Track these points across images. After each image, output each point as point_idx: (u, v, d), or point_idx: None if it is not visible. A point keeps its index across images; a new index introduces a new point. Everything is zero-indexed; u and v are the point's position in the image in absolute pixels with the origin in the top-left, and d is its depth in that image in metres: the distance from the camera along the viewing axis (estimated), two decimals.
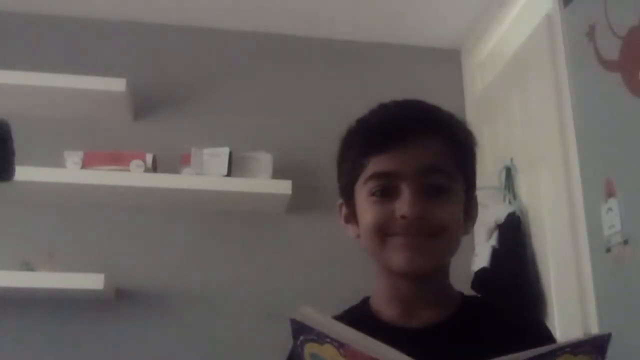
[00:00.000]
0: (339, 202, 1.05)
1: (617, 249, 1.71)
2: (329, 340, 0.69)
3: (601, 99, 1.83)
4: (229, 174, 2.37)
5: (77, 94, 2.38)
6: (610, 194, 1.74)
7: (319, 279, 2.41)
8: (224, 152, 2.38)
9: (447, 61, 2.83)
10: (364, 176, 0.97)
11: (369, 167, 0.96)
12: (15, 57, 2.47)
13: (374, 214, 0.95)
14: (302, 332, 0.71)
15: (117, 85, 2.37)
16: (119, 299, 2.34)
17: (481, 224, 2.26)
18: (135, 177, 2.33)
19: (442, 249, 0.96)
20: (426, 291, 0.98)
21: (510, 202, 2.24)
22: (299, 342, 0.71)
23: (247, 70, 2.71)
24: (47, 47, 2.57)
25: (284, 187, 2.38)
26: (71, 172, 2.31)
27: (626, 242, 1.68)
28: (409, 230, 0.93)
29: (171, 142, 2.50)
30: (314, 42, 2.77)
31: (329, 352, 0.70)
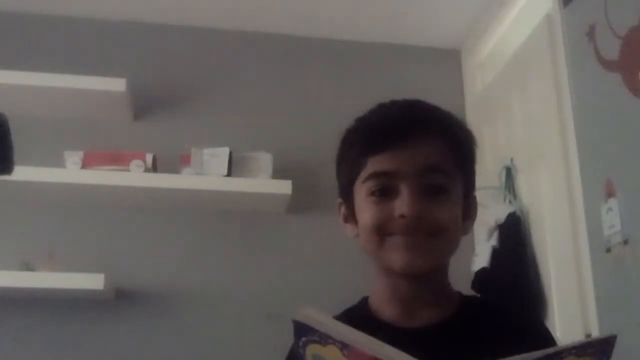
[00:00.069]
0: (338, 201, 1.05)
1: (617, 249, 1.71)
2: (331, 341, 0.69)
3: (601, 99, 1.83)
4: (229, 174, 2.37)
5: (77, 94, 2.39)
6: (610, 194, 1.74)
7: (319, 279, 2.41)
8: (224, 152, 2.38)
9: (447, 61, 2.83)
10: (363, 175, 0.97)
11: (368, 167, 0.96)
12: (15, 57, 2.47)
13: (373, 213, 0.95)
14: (305, 333, 0.70)
15: (117, 85, 2.37)
16: (119, 299, 2.34)
17: (481, 224, 2.26)
18: (135, 177, 2.33)
19: (441, 248, 0.96)
20: (425, 291, 0.97)
21: (510, 202, 2.24)
22: (301, 343, 0.71)
23: (247, 70, 2.71)
24: (47, 47, 2.57)
25: (284, 187, 2.38)
26: (71, 172, 2.31)
27: (626, 242, 1.68)
28: (407, 230, 0.92)
29: (171, 142, 2.50)
30: (314, 42, 2.77)
31: (332, 353, 0.69)
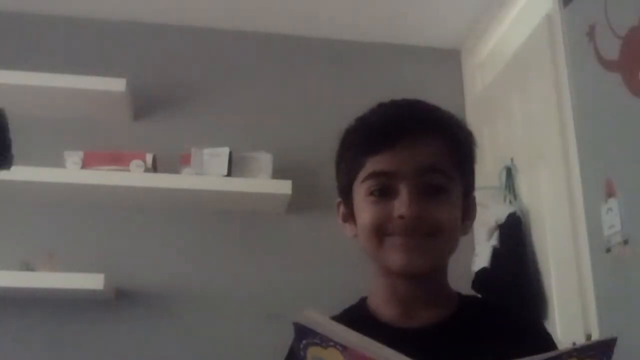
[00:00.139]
0: (337, 201, 1.05)
1: (617, 249, 1.70)
2: (332, 343, 0.69)
3: (601, 99, 1.83)
4: (229, 174, 2.37)
5: (77, 94, 2.38)
6: (610, 194, 1.74)
7: (319, 279, 2.41)
8: (224, 152, 2.38)
9: (447, 61, 2.83)
10: (362, 175, 0.96)
11: (367, 167, 0.96)
12: (15, 57, 2.47)
13: (372, 213, 0.95)
14: (305, 335, 0.70)
15: (117, 85, 2.37)
16: (119, 299, 2.34)
17: (482, 224, 2.25)
18: (135, 177, 2.33)
19: (440, 249, 0.96)
20: (424, 291, 0.97)
21: (510, 202, 2.24)
22: (301, 345, 0.70)
23: (247, 70, 2.71)
24: (47, 47, 2.57)
25: (284, 187, 2.38)
26: (71, 172, 2.31)
27: (626, 242, 1.67)
28: (406, 230, 0.92)
29: (171, 142, 2.50)
30: (314, 42, 2.77)
31: (333, 356, 0.69)
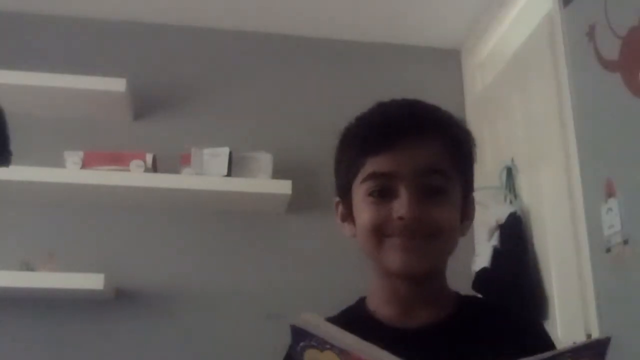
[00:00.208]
0: (336, 200, 1.04)
1: (617, 249, 1.70)
2: (329, 346, 0.69)
3: (601, 99, 1.83)
4: (229, 174, 2.37)
5: (77, 94, 2.38)
6: (610, 194, 1.74)
7: (319, 279, 2.41)
8: (224, 152, 2.38)
9: (447, 61, 2.83)
10: (361, 176, 0.96)
11: (367, 167, 0.95)
12: (15, 57, 2.47)
13: (371, 214, 0.94)
14: (303, 338, 0.70)
15: (117, 85, 2.37)
16: (119, 299, 2.33)
17: (482, 224, 2.25)
18: (135, 177, 2.33)
19: (439, 250, 0.96)
20: (423, 292, 0.97)
21: (511, 202, 2.24)
22: (298, 348, 0.70)
23: (247, 70, 2.71)
24: (47, 47, 2.57)
25: (284, 187, 2.38)
26: (71, 172, 2.31)
27: (626, 242, 1.67)
28: (406, 231, 0.92)
29: (171, 142, 2.50)
30: (314, 42, 2.77)
31: (329, 359, 0.69)
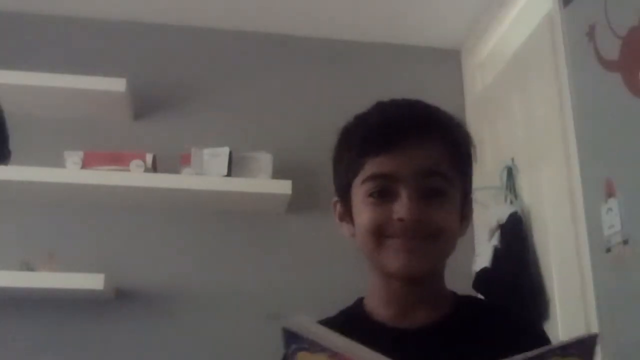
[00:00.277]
0: (334, 200, 1.04)
1: (617, 249, 1.70)
2: (320, 349, 0.68)
3: (601, 99, 1.83)
4: (229, 174, 2.37)
5: (77, 94, 2.38)
6: (610, 194, 1.74)
7: (319, 279, 2.41)
8: (224, 152, 2.38)
9: (447, 61, 2.83)
10: (361, 176, 0.96)
11: (367, 168, 0.95)
12: (15, 57, 2.47)
13: (371, 215, 0.94)
14: (294, 341, 0.70)
15: (117, 85, 2.37)
16: (119, 299, 2.33)
17: (483, 224, 2.25)
18: (135, 177, 2.33)
19: (439, 251, 0.96)
20: (421, 292, 0.97)
21: (511, 202, 2.23)
22: (290, 351, 0.70)
23: (247, 70, 2.71)
24: (47, 47, 2.57)
25: (284, 187, 2.38)
26: (71, 172, 2.30)
27: (626, 242, 1.67)
28: (406, 233, 0.92)
29: (171, 142, 2.50)
30: (314, 42, 2.77)
31: None
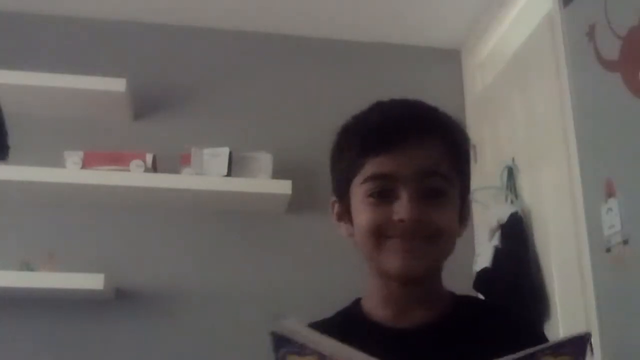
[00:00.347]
0: (332, 199, 1.04)
1: (617, 249, 1.70)
2: (309, 352, 0.69)
3: (601, 99, 1.83)
4: (229, 174, 2.37)
5: (77, 94, 2.38)
6: (610, 194, 1.74)
7: (319, 279, 2.41)
8: (224, 152, 2.38)
9: (447, 61, 2.83)
10: (361, 176, 0.95)
11: (367, 168, 0.95)
12: (15, 57, 2.47)
13: (371, 215, 0.94)
14: (283, 344, 0.70)
15: (117, 85, 2.37)
16: (119, 299, 2.33)
17: (483, 224, 2.25)
18: (135, 177, 2.33)
19: (439, 252, 0.96)
20: (419, 293, 0.97)
21: (512, 202, 2.23)
22: (280, 355, 0.71)
23: (247, 70, 2.71)
24: (47, 47, 2.57)
25: (284, 187, 2.38)
26: (71, 172, 2.30)
27: (626, 242, 1.67)
28: (406, 233, 0.92)
29: (171, 142, 2.50)
30: (314, 42, 2.77)
31: None
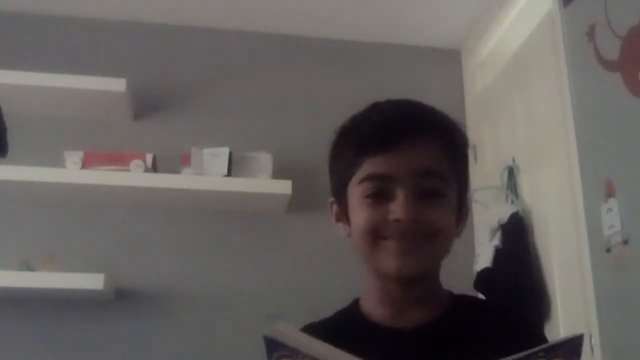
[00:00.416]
0: (330, 200, 1.04)
1: (617, 249, 1.70)
2: (302, 356, 0.69)
3: (601, 99, 1.83)
4: (229, 174, 2.37)
5: (77, 94, 2.39)
6: (610, 194, 1.74)
7: (319, 279, 2.41)
8: (224, 152, 2.38)
9: (447, 61, 2.83)
10: (358, 177, 0.95)
11: (364, 168, 0.94)
12: (15, 57, 2.47)
13: (368, 216, 0.94)
14: (276, 348, 0.70)
15: (117, 85, 2.37)
16: (119, 299, 2.34)
17: (484, 224, 2.25)
18: (135, 177, 2.33)
19: (436, 252, 0.95)
20: (417, 292, 0.97)
21: (512, 202, 2.23)
22: (273, 359, 0.71)
23: (247, 70, 2.71)
24: (47, 47, 2.57)
25: (284, 187, 2.38)
26: (71, 172, 2.31)
27: (626, 242, 1.67)
28: (403, 233, 0.92)
29: (171, 142, 2.50)
30: (314, 42, 2.77)
31: None
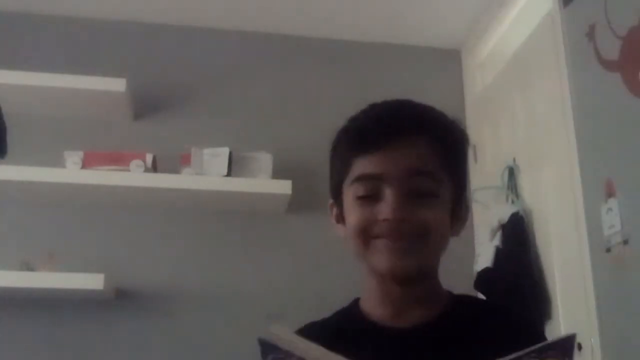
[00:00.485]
0: (330, 202, 1.04)
1: (617, 249, 1.70)
2: (296, 359, 0.70)
3: (601, 99, 1.83)
4: (229, 174, 2.37)
5: (77, 94, 2.39)
6: (610, 194, 1.74)
7: (319, 279, 2.41)
8: (224, 152, 2.39)
9: (447, 61, 2.83)
10: (350, 177, 0.96)
11: (355, 169, 0.96)
12: (15, 57, 2.47)
13: (358, 216, 0.94)
14: (271, 351, 0.71)
15: (117, 85, 2.37)
16: (119, 299, 2.34)
17: (484, 224, 2.25)
18: (135, 177, 2.33)
19: (427, 250, 0.95)
20: (415, 292, 0.97)
21: (513, 202, 2.23)
22: None
23: (247, 70, 2.71)
24: (47, 47, 2.57)
25: (284, 187, 2.38)
26: (71, 172, 2.31)
27: (626, 242, 1.67)
28: (391, 232, 0.92)
29: (171, 142, 2.50)
30: (313, 42, 2.77)
31: None
